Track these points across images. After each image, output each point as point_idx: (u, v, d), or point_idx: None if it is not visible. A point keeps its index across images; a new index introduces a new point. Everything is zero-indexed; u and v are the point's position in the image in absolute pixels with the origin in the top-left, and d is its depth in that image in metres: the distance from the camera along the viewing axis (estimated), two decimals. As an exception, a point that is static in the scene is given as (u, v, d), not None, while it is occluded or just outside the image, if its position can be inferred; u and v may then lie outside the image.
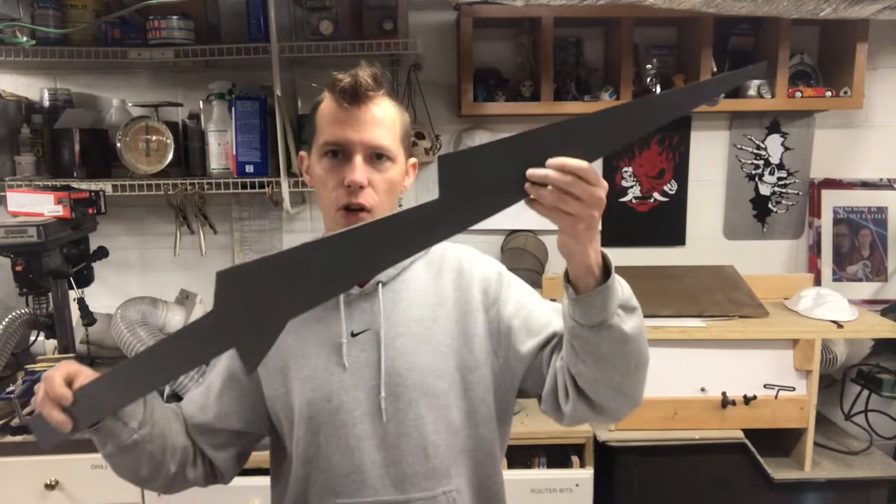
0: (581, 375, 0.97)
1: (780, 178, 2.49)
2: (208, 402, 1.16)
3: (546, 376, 1.07)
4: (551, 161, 0.81)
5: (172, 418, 1.12)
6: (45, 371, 0.95)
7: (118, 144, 2.12)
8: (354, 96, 1.05)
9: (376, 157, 1.08)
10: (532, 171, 0.81)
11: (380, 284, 1.13)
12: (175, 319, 2.18)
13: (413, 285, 1.15)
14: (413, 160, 1.19)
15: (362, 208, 1.07)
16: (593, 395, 0.98)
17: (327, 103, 1.10)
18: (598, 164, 2.43)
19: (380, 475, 1.08)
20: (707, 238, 2.52)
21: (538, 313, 1.12)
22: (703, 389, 1.99)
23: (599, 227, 0.88)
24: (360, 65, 1.08)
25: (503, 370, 1.13)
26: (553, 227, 0.85)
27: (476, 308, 1.13)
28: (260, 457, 1.83)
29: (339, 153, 1.08)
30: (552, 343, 1.08)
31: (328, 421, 1.09)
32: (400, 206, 1.03)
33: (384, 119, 1.08)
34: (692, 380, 1.98)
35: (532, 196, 0.82)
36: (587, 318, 0.90)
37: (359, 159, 1.06)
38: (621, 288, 0.92)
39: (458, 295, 1.14)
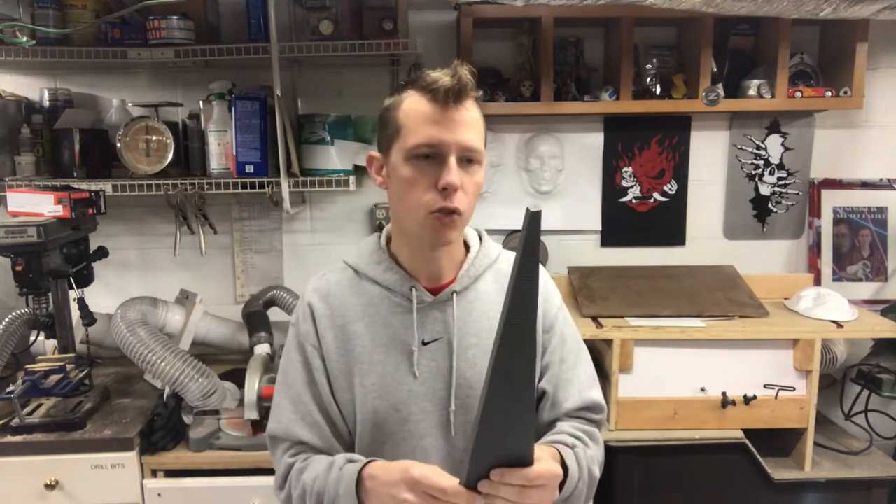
0: None
1: (780, 178, 2.49)
2: (321, 419, 1.10)
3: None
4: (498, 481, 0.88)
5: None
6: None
7: (118, 144, 2.12)
8: (457, 96, 1.01)
9: (467, 160, 1.04)
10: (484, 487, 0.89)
11: (454, 294, 1.11)
12: (175, 319, 2.18)
13: (483, 296, 1.13)
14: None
15: (455, 211, 1.02)
16: None
17: (417, 102, 1.04)
18: (597, 165, 2.44)
19: None
20: (707, 238, 2.52)
21: (563, 388, 1.16)
22: (703, 389, 1.99)
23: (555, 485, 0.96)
24: (454, 63, 1.03)
25: None
26: (553, 227, 0.85)
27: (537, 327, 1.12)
28: (260, 457, 1.84)
29: (432, 155, 1.02)
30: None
31: (395, 431, 1.06)
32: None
33: (475, 120, 1.04)
34: (692, 380, 1.98)
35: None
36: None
37: (453, 161, 1.01)
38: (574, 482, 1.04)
39: None
